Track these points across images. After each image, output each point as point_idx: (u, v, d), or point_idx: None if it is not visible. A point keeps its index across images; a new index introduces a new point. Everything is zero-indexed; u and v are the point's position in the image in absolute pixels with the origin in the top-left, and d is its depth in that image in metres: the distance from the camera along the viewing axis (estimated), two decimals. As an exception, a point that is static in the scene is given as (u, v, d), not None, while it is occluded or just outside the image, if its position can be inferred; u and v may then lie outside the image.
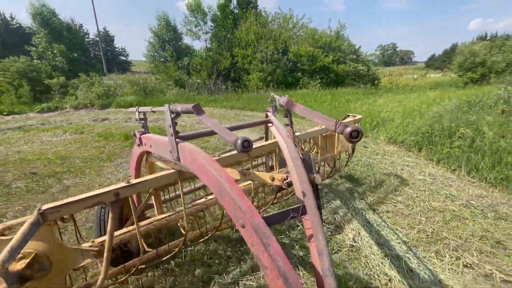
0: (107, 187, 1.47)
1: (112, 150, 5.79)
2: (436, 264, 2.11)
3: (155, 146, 1.90)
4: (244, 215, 1.04)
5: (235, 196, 1.11)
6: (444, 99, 7.68)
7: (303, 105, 1.59)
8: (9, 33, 28.73)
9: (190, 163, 1.45)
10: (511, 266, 2.06)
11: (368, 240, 2.42)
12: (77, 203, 1.33)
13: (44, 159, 5.29)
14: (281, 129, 1.94)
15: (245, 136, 1.12)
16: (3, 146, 6.43)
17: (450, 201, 3.07)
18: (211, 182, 1.26)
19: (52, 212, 1.28)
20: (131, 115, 10.50)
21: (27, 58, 14.76)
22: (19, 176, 4.44)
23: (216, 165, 1.28)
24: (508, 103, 4.66)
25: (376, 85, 15.65)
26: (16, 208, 3.41)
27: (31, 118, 10.53)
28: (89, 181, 4.21)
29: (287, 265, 0.90)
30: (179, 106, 1.49)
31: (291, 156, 1.52)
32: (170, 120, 1.53)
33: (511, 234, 2.44)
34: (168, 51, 15.89)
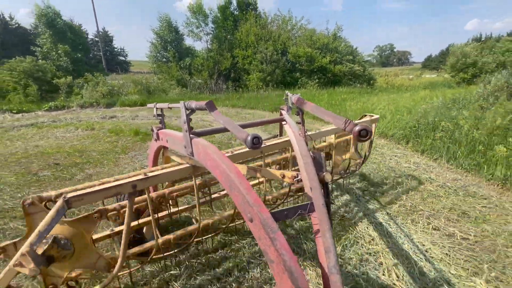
0: (125, 178, 1.55)
1: (125, 144, 6.22)
2: (411, 228, 2.58)
3: (171, 141, 1.96)
4: (252, 209, 1.07)
5: (244, 190, 1.14)
6: (433, 98, 8.19)
7: (314, 104, 1.61)
8: (8, 33, 28.82)
9: (203, 158, 1.49)
10: (471, 229, 2.54)
11: (356, 211, 2.89)
12: (98, 192, 1.41)
13: (62, 152, 5.71)
14: (293, 127, 1.94)
15: (255, 133, 1.15)
16: (21, 141, 6.84)
17: (429, 183, 3.55)
18: (222, 176, 1.30)
19: (75, 200, 1.36)
20: (138, 113, 10.92)
21: (33, 58, 15.11)
22: (44, 166, 4.87)
23: (227, 161, 1.32)
24: (486, 100, 5.14)
25: (372, 85, 16.16)
26: (48, 192, 3.84)
27: (41, 116, 10.91)
28: (108, 170, 4.64)
29: (293, 260, 0.93)
30: (193, 103, 1.54)
31: (302, 154, 1.53)
32: (185, 116, 1.58)
33: (475, 207, 2.91)
34: (171, 51, 16.34)
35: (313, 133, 2.44)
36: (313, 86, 14.69)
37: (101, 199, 1.45)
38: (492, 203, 3.00)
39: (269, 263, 0.98)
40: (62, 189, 1.58)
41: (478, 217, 2.72)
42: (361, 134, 1.05)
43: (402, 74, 32.42)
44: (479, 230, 2.51)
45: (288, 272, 0.89)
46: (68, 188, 1.55)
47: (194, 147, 1.56)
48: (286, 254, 0.93)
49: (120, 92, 14.50)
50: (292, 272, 0.89)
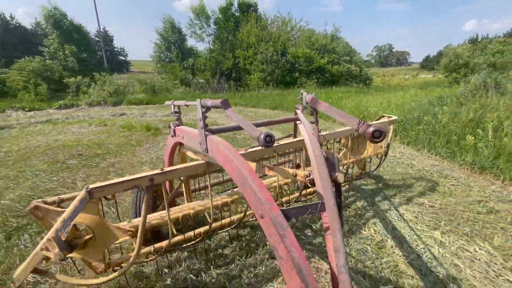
0: (143, 172, 1.61)
1: (138, 138, 6.75)
2: (390, 199, 3.15)
3: (187, 137, 2.00)
4: (263, 206, 1.09)
5: (256, 188, 1.16)
6: (422, 96, 8.75)
7: (327, 104, 1.59)
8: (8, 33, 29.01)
9: (217, 155, 1.52)
10: (438, 200, 3.10)
11: (347, 188, 3.46)
12: (117, 184, 1.48)
13: (82, 145, 6.24)
14: (307, 127, 1.93)
15: (268, 132, 1.17)
16: (41, 136, 7.35)
17: (410, 168, 4.12)
18: (235, 173, 1.32)
19: (97, 191, 1.43)
20: (145, 110, 11.43)
21: (41, 58, 15.60)
22: (69, 156, 5.39)
23: (240, 158, 1.34)
24: (466, 97, 5.70)
25: (368, 85, 16.74)
26: (80, 176, 4.37)
27: (52, 114, 11.40)
28: (127, 160, 5.17)
29: (302, 257, 0.94)
30: (209, 101, 1.57)
31: (314, 154, 1.53)
32: (201, 113, 1.61)
33: (445, 185, 3.47)
34: (174, 52, 16.86)
35: (327, 133, 2.44)
36: (311, 86, 15.25)
37: (120, 191, 1.52)
38: (460, 182, 3.56)
39: (278, 260, 1.00)
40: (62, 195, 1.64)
41: (446, 192, 3.29)
42: (374, 135, 1.04)
43: (400, 74, 33.10)
44: (445, 201, 3.07)
45: (297, 269, 0.91)
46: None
47: (209, 144, 1.59)
48: (295, 251, 0.94)
49: (126, 91, 15.02)
50: (301, 269, 0.91)
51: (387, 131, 2.77)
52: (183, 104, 2.20)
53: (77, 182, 4.06)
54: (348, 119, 1.24)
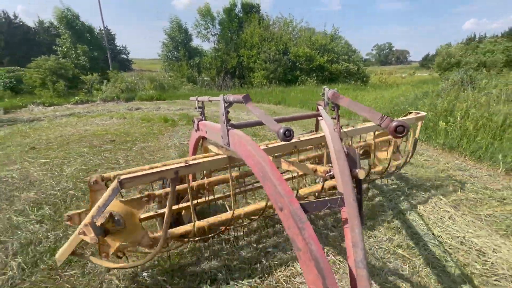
0: (169, 165, 1.69)
1: (159, 128, 7.59)
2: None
3: (210, 132, 2.04)
4: (283, 199, 1.12)
5: (276, 181, 1.18)
6: (411, 92, 9.59)
7: (349, 99, 1.58)
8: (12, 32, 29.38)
9: (238, 149, 1.56)
10: (411, 170, 3.95)
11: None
12: (145, 176, 1.56)
13: (110, 134, 7.07)
14: (328, 123, 1.91)
15: (288, 126, 1.17)
16: (70, 127, 8.18)
17: (393, 149, 4.97)
18: (256, 167, 1.34)
19: (127, 181, 1.52)
20: (159, 105, 12.27)
21: (56, 57, 16.41)
22: (103, 142, 6.23)
23: (261, 152, 1.36)
24: (445, 91, 6.51)
25: (365, 82, 17.55)
26: (120, 156, 5.21)
27: (71, 108, 12.21)
28: (154, 144, 6.00)
29: (320, 250, 0.96)
30: (231, 96, 1.59)
31: (335, 149, 1.52)
32: (224, 108, 1.64)
33: (419, 160, 4.32)
34: (181, 51, 17.67)
35: (350, 130, 2.40)
36: (312, 83, 16.07)
37: (148, 182, 1.60)
38: (432, 158, 4.41)
39: (296, 251, 1.02)
40: (117, 172, 1.76)
41: (418, 165, 4.14)
42: (397, 130, 1.03)
43: (398, 72, 33.96)
44: (415, 170, 3.92)
45: (314, 261, 0.92)
46: (122, 171, 1.73)
47: (231, 138, 1.63)
48: (313, 244, 0.96)
49: (136, 88, 15.84)
50: (318, 261, 0.92)
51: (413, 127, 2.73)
52: (207, 100, 2.27)
53: (120, 160, 4.91)
54: (371, 114, 1.23)
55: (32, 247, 2.45)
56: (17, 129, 7.97)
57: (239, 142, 1.53)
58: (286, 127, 1.17)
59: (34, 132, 7.47)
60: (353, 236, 1.06)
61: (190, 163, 1.72)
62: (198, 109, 2.40)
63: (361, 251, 1.00)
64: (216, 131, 1.87)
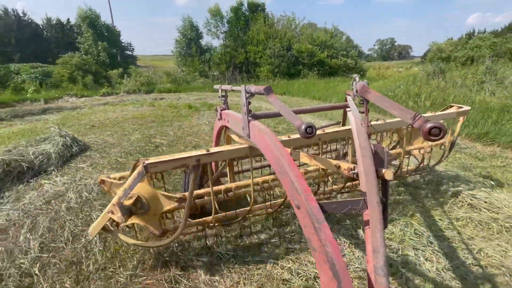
0: (191, 153, 1.76)
1: (186, 113, 9.13)
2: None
3: (232, 121, 2.05)
4: (300, 197, 1.08)
5: (294, 177, 1.15)
6: (397, 82, 11.09)
7: (379, 94, 1.46)
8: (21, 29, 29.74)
9: (258, 141, 1.57)
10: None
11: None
12: (168, 162, 1.67)
13: (148, 116, 8.62)
14: (355, 115, 1.76)
15: (310, 122, 1.12)
16: (111, 113, 9.74)
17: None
18: (273, 160, 1.34)
19: (152, 166, 1.64)
20: (179, 96, 13.83)
21: (80, 54, 17.98)
22: (146, 122, 7.78)
23: (279, 145, 1.35)
24: (420, 80, 8.01)
25: (363, 76, 18.95)
26: (165, 130, 6.77)
27: (101, 99, 13.77)
28: (188, 123, 7.52)
29: (336, 252, 0.91)
30: (252, 87, 1.60)
31: (360, 146, 1.42)
32: (245, 99, 1.65)
33: (389, 129, 5.87)
34: (194, 47, 19.19)
35: (378, 123, 2.25)
36: (313, 77, 17.52)
37: (171, 168, 1.68)
38: (399, 128, 5.95)
39: (311, 251, 1.00)
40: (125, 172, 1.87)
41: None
42: (432, 132, 0.91)
43: (398, 67, 35.17)
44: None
45: (330, 263, 0.89)
46: (151, 158, 1.72)
47: (251, 129, 1.64)
48: (330, 245, 0.92)
49: (154, 82, 17.39)
50: (334, 263, 0.88)
51: (454, 123, 2.61)
52: (230, 89, 2.29)
53: (168, 131, 6.49)
54: (401, 112, 1.13)
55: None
56: (68, 114, 9.60)
57: (259, 134, 1.53)
58: (308, 123, 1.11)
59: (83, 116, 9.05)
60: (374, 241, 1.01)
61: (212, 151, 1.76)
62: (221, 98, 2.42)
63: (382, 257, 0.95)
64: (237, 121, 1.88)
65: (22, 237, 2.52)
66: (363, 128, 1.55)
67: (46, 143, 4.67)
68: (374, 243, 1.00)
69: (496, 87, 5.99)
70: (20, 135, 6.39)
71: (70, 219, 2.79)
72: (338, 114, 7.09)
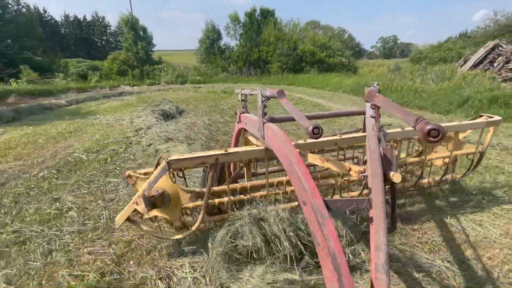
0: (210, 152, 1.89)
1: (223, 96, 12.76)
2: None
3: (249, 124, 2.17)
4: (306, 194, 1.15)
5: (302, 176, 1.22)
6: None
7: (386, 98, 1.49)
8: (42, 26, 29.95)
9: (272, 142, 1.65)
10: (349, 122, 9.38)
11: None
12: (189, 160, 1.77)
13: (199, 98, 12.41)
14: (369, 121, 1.72)
15: (317, 124, 1.20)
16: (169, 96, 13.62)
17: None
18: (284, 160, 1.43)
19: (174, 163, 1.75)
20: (212, 85, 17.67)
21: (124, 51, 21.97)
22: (201, 100, 11.64)
23: (290, 146, 1.44)
24: (386, 76, 11.71)
25: (355, 72, 22.74)
26: (215, 103, 10.64)
27: (150, 88, 17.38)
28: (229, 102, 11.30)
29: (337, 246, 0.96)
30: (267, 91, 1.68)
31: (370, 149, 1.46)
32: (261, 102, 1.74)
33: (357, 121, 9.76)
34: (216, 47, 23.08)
35: (394, 131, 2.25)
36: (313, 72, 21.37)
37: (191, 165, 1.82)
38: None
39: (316, 246, 1.04)
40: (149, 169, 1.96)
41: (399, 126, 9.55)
42: (431, 134, 0.96)
43: (387, 64, 38.82)
44: (397, 123, 9.35)
45: (331, 257, 0.94)
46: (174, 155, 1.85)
47: (266, 131, 1.73)
48: (332, 240, 0.97)
49: (184, 75, 21.28)
50: (335, 257, 0.93)
51: (483, 132, 2.47)
52: (248, 93, 2.46)
53: (223, 105, 10.34)
54: (405, 116, 1.16)
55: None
56: (140, 96, 13.49)
57: (273, 135, 1.62)
58: (315, 124, 1.19)
59: (154, 97, 12.95)
60: (377, 239, 1.03)
61: (229, 151, 1.86)
62: (241, 102, 2.56)
63: (384, 256, 0.97)
64: (254, 124, 1.97)
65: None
66: (374, 132, 1.57)
67: (163, 105, 8.59)
68: (377, 241, 1.03)
69: (422, 78, 9.66)
70: (124, 106, 10.19)
71: (204, 131, 6.67)
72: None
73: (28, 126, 7.41)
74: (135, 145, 5.34)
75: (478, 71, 9.83)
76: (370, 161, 1.38)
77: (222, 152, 1.85)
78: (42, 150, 5.39)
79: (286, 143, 1.48)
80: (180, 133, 5.85)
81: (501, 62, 9.69)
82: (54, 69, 19.85)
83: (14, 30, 20.09)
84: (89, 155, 4.86)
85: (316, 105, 9.89)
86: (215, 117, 7.78)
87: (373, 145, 1.46)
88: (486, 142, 2.55)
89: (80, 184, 3.72)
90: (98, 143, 5.48)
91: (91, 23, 43.27)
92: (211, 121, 7.29)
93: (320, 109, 9.18)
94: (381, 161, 1.34)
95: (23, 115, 9.24)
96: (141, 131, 6.12)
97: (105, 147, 5.24)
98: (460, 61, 12.29)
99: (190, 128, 6.45)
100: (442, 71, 10.46)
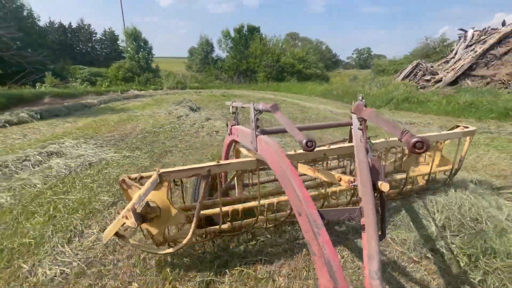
0: (202, 164, 1.88)
1: (223, 99, 15.71)
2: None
3: (241, 136, 2.20)
4: (301, 204, 1.16)
5: (296, 186, 1.23)
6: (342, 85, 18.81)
7: (373, 110, 1.55)
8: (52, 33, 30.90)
9: (265, 153, 1.67)
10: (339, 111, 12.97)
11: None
12: (180, 172, 1.75)
13: (204, 100, 15.43)
14: (357, 133, 1.83)
15: (311, 137, 1.23)
16: (182, 97, 16.52)
17: (330, 112, 14.00)
18: (278, 171, 1.43)
19: (165, 175, 1.70)
20: (210, 90, 20.76)
21: (127, 60, 24.63)
22: (207, 101, 14.71)
23: (284, 157, 1.44)
24: (357, 82, 15.48)
25: (327, 81, 27.07)
26: (220, 103, 13.77)
27: (157, 92, 19.80)
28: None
29: (333, 255, 0.97)
30: (260, 104, 1.71)
31: (358, 160, 1.50)
32: (253, 115, 1.78)
33: (340, 114, 13.38)
34: (210, 58, 26.46)
35: (379, 142, 2.38)
36: (293, 81, 25.25)
37: (183, 177, 1.79)
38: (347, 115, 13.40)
39: (311, 256, 1.07)
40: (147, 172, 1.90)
41: (340, 114, 13.14)
42: (416, 146, 1.01)
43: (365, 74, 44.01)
44: (341, 112, 12.93)
45: (327, 266, 0.95)
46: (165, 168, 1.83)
47: (259, 143, 1.75)
48: (327, 249, 0.98)
49: (183, 82, 24.17)
50: (331, 266, 0.94)
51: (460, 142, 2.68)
52: (240, 106, 2.49)
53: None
54: (392, 128, 1.20)
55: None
56: (153, 99, 16.28)
57: (266, 147, 1.64)
58: (309, 137, 1.22)
59: (167, 99, 15.82)
60: (369, 248, 1.05)
61: (221, 163, 1.86)
62: (232, 114, 2.61)
63: (376, 263, 0.99)
64: (246, 136, 2.00)
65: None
66: (362, 144, 1.63)
67: (185, 102, 11.63)
68: (369, 250, 1.05)
69: (370, 86, 13.49)
70: (146, 105, 12.82)
71: (222, 118, 9.85)
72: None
73: (87, 117, 9.63)
74: (183, 124, 8.38)
75: (406, 81, 13.84)
76: (359, 171, 1.42)
77: (215, 163, 1.86)
78: (120, 128, 8.08)
79: (280, 154, 1.51)
80: (212, 116, 8.97)
81: (419, 75, 13.78)
82: (65, 75, 22.02)
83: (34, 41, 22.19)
84: (157, 129, 7.81)
85: (295, 104, 13.27)
86: (225, 111, 10.91)
87: (361, 156, 1.52)
88: (464, 150, 2.71)
89: (167, 138, 6.74)
90: (155, 125, 8.36)
91: (76, 29, 40.94)
92: (224, 113, 10.44)
93: (299, 106, 12.47)
94: (370, 171, 1.40)
95: (72, 110, 11.83)
96: (182, 117, 9.17)
97: (163, 126, 8.19)
98: (397, 73, 16.44)
99: (212, 115, 9.59)
100: (383, 80, 14.39)
